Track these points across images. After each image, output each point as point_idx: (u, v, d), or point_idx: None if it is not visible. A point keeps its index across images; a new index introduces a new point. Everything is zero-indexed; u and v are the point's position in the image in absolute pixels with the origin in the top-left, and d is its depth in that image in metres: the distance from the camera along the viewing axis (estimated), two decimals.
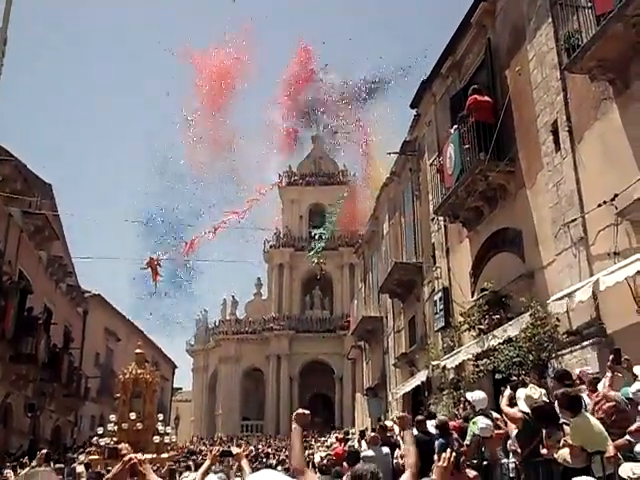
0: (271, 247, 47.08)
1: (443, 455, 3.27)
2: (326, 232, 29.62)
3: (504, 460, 7.18)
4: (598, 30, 8.38)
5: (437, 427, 8.51)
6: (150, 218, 24.15)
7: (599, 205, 8.74)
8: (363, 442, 12.36)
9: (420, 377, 15.08)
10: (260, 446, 28.82)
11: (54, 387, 22.35)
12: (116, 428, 9.03)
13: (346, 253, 42.23)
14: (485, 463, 7.54)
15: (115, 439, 8.67)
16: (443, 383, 13.52)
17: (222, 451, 5.45)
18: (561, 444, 5.64)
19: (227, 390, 44.84)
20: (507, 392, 7.33)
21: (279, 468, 14.43)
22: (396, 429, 11.58)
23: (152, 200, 26.20)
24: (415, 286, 17.93)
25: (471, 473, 6.48)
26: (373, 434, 10.60)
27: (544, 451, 5.96)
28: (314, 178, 47.98)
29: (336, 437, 19.05)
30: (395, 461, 9.29)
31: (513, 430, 7.19)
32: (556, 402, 6.09)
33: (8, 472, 11.98)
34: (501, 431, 7.52)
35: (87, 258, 44.29)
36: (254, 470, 4.49)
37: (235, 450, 5.45)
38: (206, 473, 4.99)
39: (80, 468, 11.54)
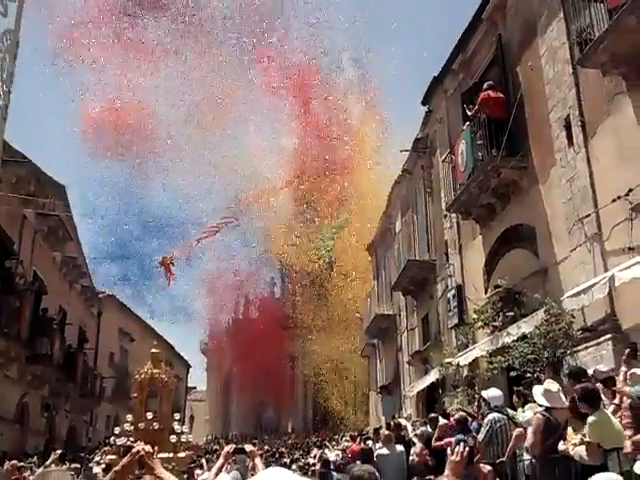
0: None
1: (456, 449, 3.25)
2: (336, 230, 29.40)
3: (525, 457, 7.12)
4: (611, 24, 8.32)
5: (456, 422, 8.50)
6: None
7: (613, 200, 8.68)
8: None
9: (434, 375, 15.03)
10: (273, 446, 28.91)
11: (69, 387, 22.53)
12: (132, 428, 9.04)
13: None
14: (499, 460, 7.50)
15: (132, 439, 8.68)
16: (457, 380, 13.46)
17: (235, 448, 5.43)
18: (578, 441, 5.59)
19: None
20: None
21: (293, 467, 14.46)
22: (409, 427, 11.57)
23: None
24: (428, 284, 17.88)
25: (485, 468, 6.45)
26: (387, 432, 10.58)
27: (562, 447, 5.89)
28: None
29: (350, 435, 19.05)
30: (410, 459, 9.28)
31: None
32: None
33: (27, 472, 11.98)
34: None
35: (101, 258, 44.63)
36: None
37: (249, 447, 5.45)
38: (219, 471, 4.97)
39: (97, 469, 11.47)
